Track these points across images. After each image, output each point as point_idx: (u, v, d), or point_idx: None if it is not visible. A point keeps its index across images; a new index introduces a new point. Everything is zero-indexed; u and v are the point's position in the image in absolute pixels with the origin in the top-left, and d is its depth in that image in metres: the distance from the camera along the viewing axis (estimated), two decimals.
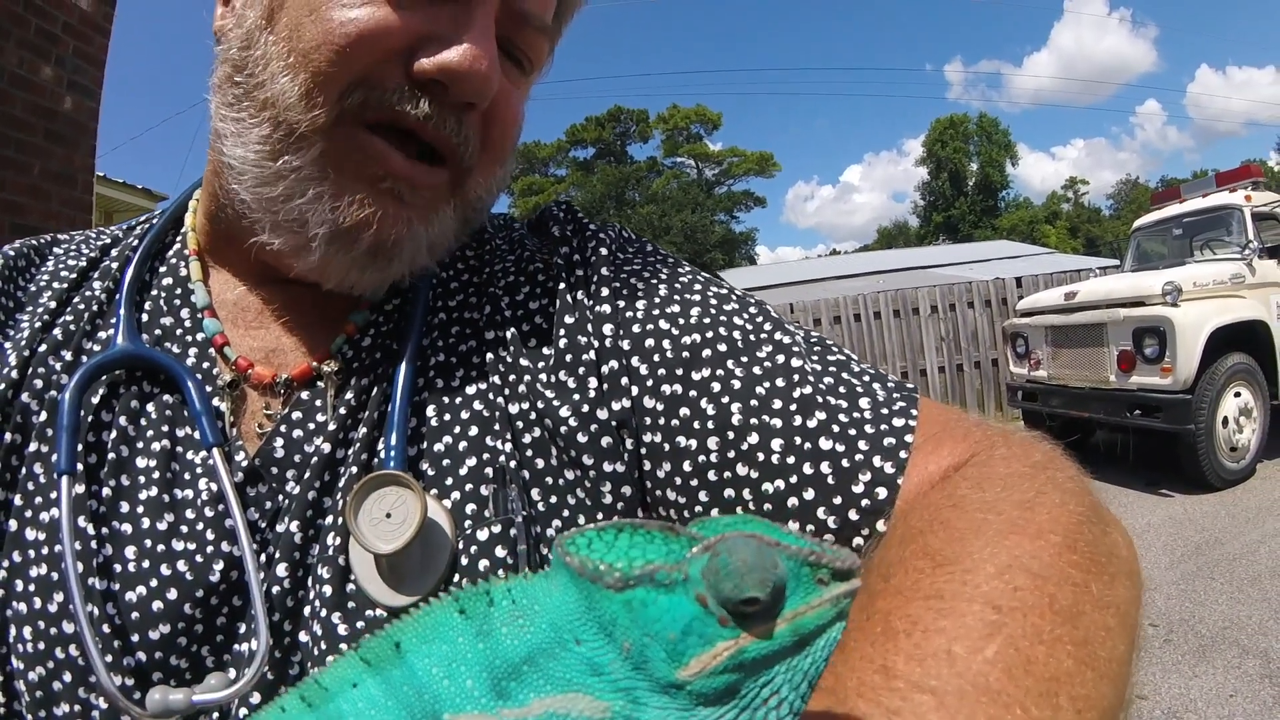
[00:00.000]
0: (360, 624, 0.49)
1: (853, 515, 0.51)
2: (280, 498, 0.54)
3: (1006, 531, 0.43)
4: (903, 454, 0.52)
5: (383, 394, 0.56)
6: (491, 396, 0.57)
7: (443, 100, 0.52)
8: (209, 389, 0.57)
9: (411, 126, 0.52)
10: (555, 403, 0.56)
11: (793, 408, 0.54)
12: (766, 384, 0.55)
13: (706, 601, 0.28)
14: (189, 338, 0.60)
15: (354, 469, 0.53)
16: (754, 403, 0.54)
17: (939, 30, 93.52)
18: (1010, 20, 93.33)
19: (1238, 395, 5.79)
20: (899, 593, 0.41)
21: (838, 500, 0.51)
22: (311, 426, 0.56)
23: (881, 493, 0.51)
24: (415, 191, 0.54)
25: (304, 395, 0.57)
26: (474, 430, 0.55)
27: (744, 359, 0.57)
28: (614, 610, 0.28)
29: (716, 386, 0.55)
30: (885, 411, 0.55)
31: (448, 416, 0.56)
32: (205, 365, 0.59)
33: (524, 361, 0.58)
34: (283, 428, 0.56)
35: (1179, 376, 5.57)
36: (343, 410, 0.56)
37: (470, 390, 0.58)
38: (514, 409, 0.56)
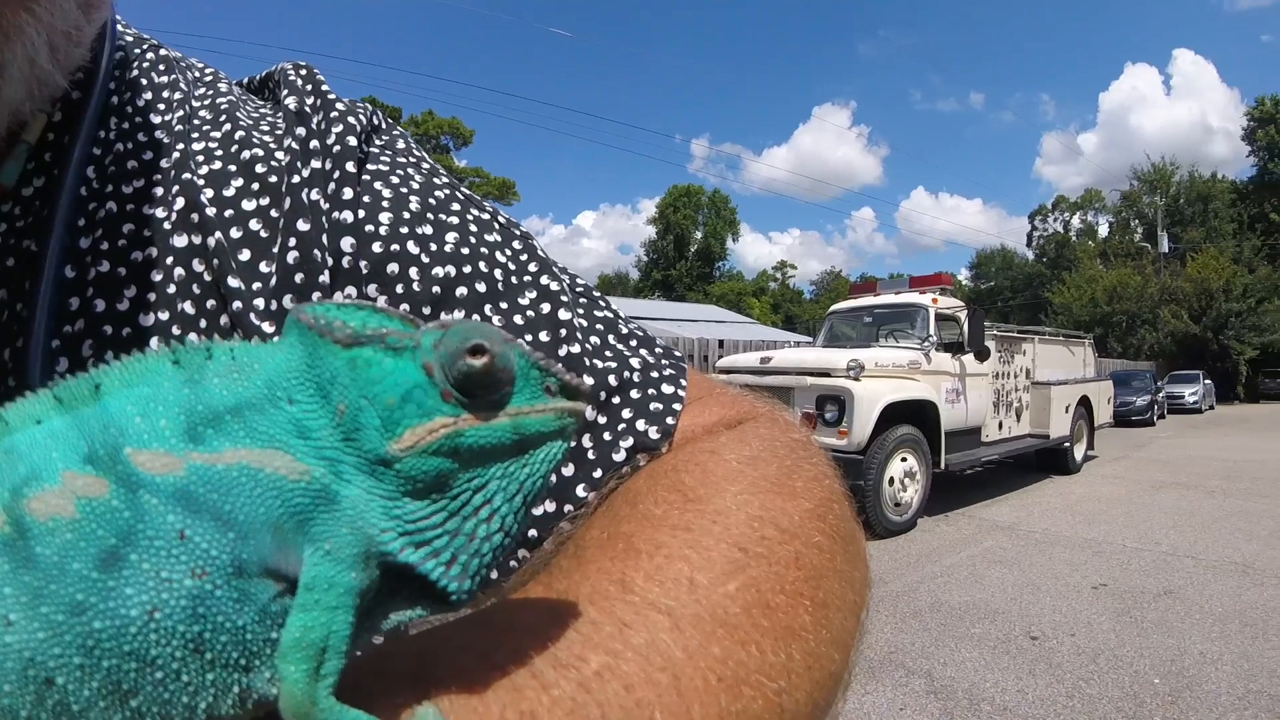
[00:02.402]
0: None
1: (613, 484, 0.47)
2: None
3: (762, 486, 0.42)
4: (669, 420, 0.49)
5: (17, 321, 0.41)
6: (178, 330, 0.43)
7: None
8: None
9: None
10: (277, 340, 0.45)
11: None
12: (529, 336, 0.50)
13: (433, 371, 0.27)
14: None
15: None
16: None
17: (695, 107, 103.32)
18: (761, 114, 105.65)
19: (904, 460, 6.75)
20: (646, 519, 0.40)
21: (598, 474, 0.48)
22: None
23: (643, 460, 0.48)
24: None
25: None
26: None
27: (504, 304, 0.50)
28: (337, 366, 0.27)
29: None
30: (654, 375, 0.52)
31: (110, 355, 0.41)
32: None
33: (233, 283, 0.44)
34: None
35: (853, 439, 6.42)
36: None
37: (147, 319, 0.43)
38: None
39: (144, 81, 0.51)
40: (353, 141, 0.52)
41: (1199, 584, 5.13)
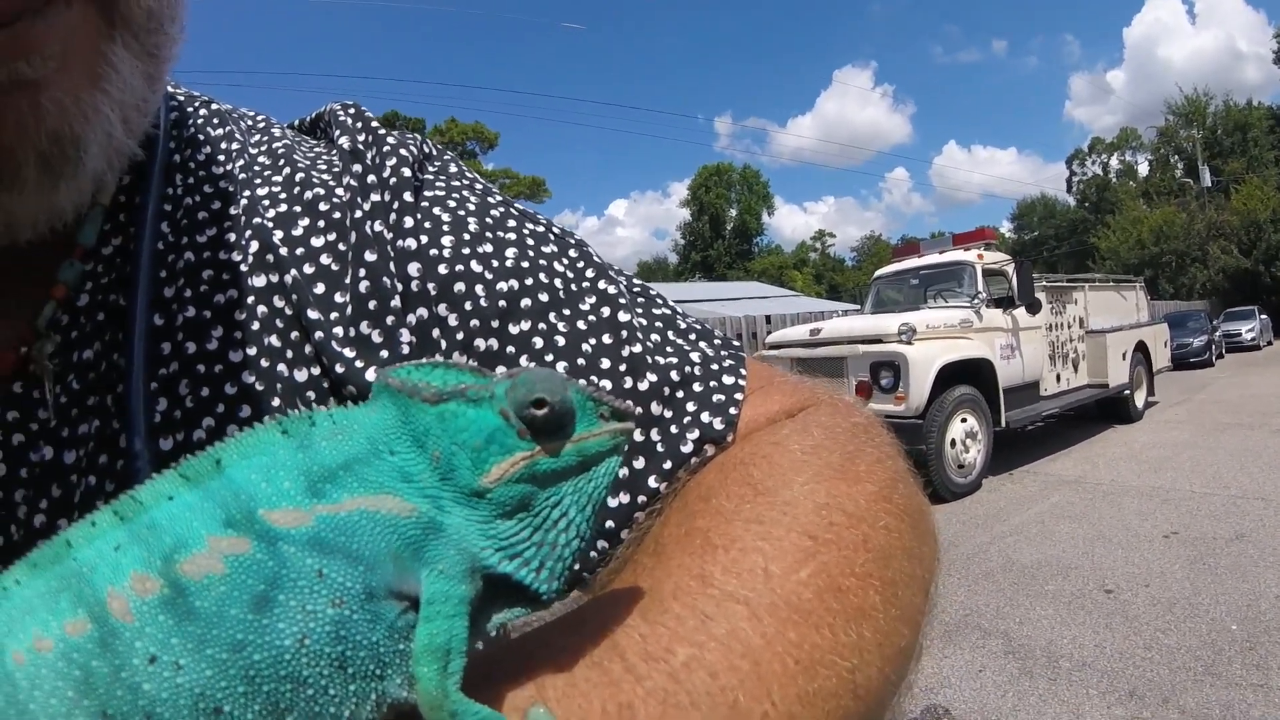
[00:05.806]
0: None
1: (682, 475, 0.50)
2: (12, 528, 0.42)
3: (827, 474, 0.44)
4: (732, 410, 0.51)
5: (115, 370, 0.44)
6: (267, 363, 0.46)
7: None
8: None
9: None
10: (358, 364, 0.46)
11: (622, 368, 0.51)
12: (592, 340, 0.52)
13: (508, 416, 0.32)
14: None
15: (91, 479, 0.42)
16: (580, 361, 0.51)
17: (715, 85, 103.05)
18: (781, 85, 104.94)
19: (964, 421, 6.67)
20: (718, 513, 0.42)
21: (668, 465, 0.50)
22: (34, 427, 0.44)
23: (710, 450, 0.50)
24: (40, 57, 0.36)
25: (17, 389, 0.44)
26: (247, 411, 0.44)
27: (566, 310, 0.53)
28: (427, 421, 0.32)
29: (538, 342, 0.51)
30: (715, 368, 0.54)
31: (206, 391, 0.45)
32: None
33: (312, 314, 0.47)
34: None
35: (911, 404, 6.35)
36: (65, 399, 0.44)
37: (237, 355, 0.46)
38: (300, 375, 0.46)
39: (201, 137, 0.55)
40: (407, 172, 0.55)
41: (1271, 526, 5.02)
